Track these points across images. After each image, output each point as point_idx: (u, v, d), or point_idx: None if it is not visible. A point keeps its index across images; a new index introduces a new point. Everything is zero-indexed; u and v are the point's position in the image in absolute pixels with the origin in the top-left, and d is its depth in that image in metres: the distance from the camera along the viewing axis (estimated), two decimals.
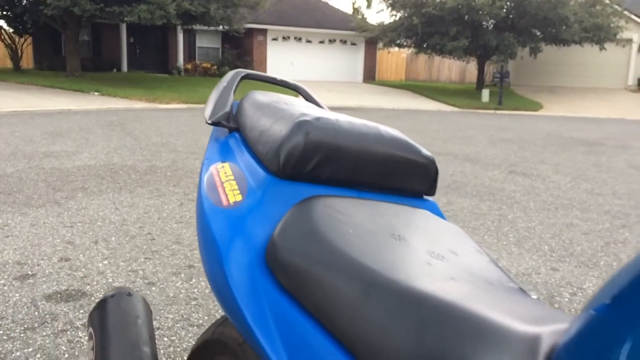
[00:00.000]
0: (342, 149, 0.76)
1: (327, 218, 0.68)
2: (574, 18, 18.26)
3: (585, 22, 18.61)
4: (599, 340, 0.38)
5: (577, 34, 18.75)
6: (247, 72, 1.04)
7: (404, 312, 0.54)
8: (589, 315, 0.40)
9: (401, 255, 0.64)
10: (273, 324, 0.64)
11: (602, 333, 0.38)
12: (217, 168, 0.84)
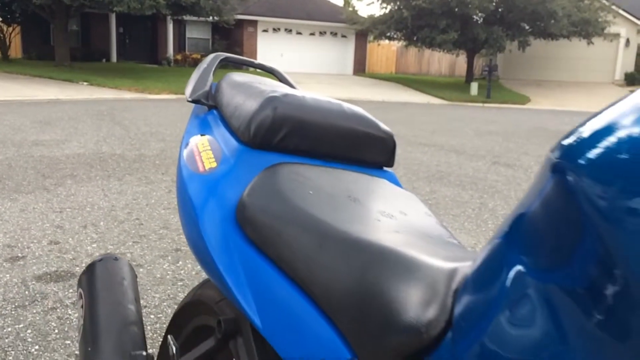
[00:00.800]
0: (308, 122, 0.85)
1: (291, 181, 0.77)
2: (562, 12, 18.42)
3: (573, 16, 18.78)
4: (493, 266, 0.47)
5: (565, 28, 18.93)
6: (226, 55, 1.12)
7: (351, 257, 0.63)
8: (489, 245, 0.49)
9: (354, 213, 0.73)
10: (242, 272, 0.73)
11: (496, 260, 0.47)
12: (196, 140, 0.93)
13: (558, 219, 0.39)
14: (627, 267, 0.34)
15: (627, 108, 0.37)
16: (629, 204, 0.34)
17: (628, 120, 0.36)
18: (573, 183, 0.37)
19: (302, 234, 0.69)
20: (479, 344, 0.45)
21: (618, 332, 0.35)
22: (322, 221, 0.69)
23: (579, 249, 0.38)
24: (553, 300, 0.39)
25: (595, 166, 0.36)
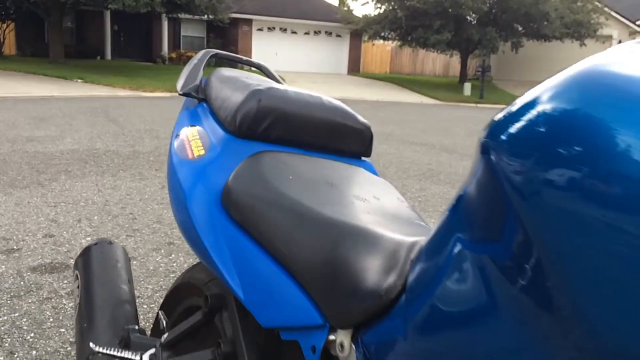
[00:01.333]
0: (290, 113, 0.91)
1: (273, 167, 0.83)
2: (555, 14, 18.57)
3: (566, 18, 18.94)
4: (440, 239, 0.53)
5: (558, 30, 19.08)
6: (216, 52, 1.19)
7: (324, 235, 0.70)
8: (440, 220, 0.56)
9: (330, 196, 0.80)
10: (226, 250, 0.79)
11: (443, 233, 0.53)
12: (186, 130, 0.99)
13: (487, 196, 0.46)
14: (541, 240, 0.40)
15: (544, 88, 0.43)
16: (540, 179, 0.40)
17: (544, 97, 0.42)
18: (495, 162, 0.43)
19: (282, 215, 0.76)
20: (426, 305, 0.52)
21: (537, 297, 0.41)
22: (300, 203, 0.76)
23: (505, 225, 0.43)
24: (485, 269, 0.45)
25: (512, 143, 0.42)
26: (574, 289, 0.37)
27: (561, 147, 0.38)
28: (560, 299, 0.38)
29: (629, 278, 0.35)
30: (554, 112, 0.40)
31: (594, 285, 0.36)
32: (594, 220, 0.36)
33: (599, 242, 0.36)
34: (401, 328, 0.54)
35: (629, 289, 0.35)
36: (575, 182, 0.37)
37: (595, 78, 0.40)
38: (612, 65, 0.40)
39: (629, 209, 0.35)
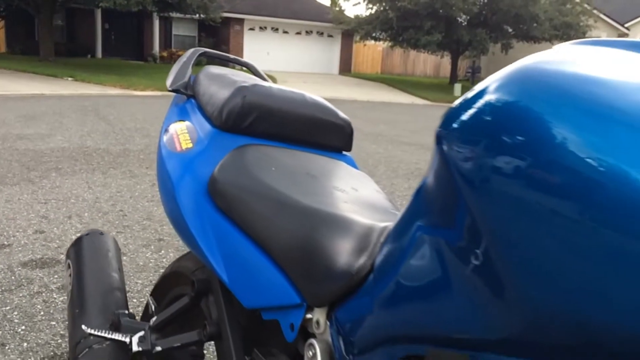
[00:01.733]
0: (273, 109, 0.96)
1: (256, 159, 0.88)
2: (545, 16, 18.74)
3: (555, 20, 19.11)
4: (405, 223, 0.58)
5: (548, 32, 19.25)
6: (204, 50, 1.23)
7: (303, 221, 0.75)
8: (405, 207, 0.61)
9: (310, 186, 0.85)
10: (212, 236, 0.84)
11: (407, 218, 0.58)
12: (175, 125, 1.04)
13: (440, 185, 0.50)
14: (485, 224, 0.43)
15: (490, 81, 0.48)
16: (484, 165, 0.44)
17: (489, 91, 0.47)
18: (446, 151, 0.48)
19: (264, 203, 0.81)
20: (391, 282, 0.57)
21: (483, 275, 0.45)
22: (281, 192, 0.81)
23: (457, 212, 0.47)
24: (442, 251, 0.50)
25: (460, 133, 0.47)
26: (514, 266, 0.42)
27: (503, 136, 0.43)
28: (504, 275, 0.43)
29: (563, 255, 0.39)
30: (497, 104, 0.44)
31: (532, 262, 0.41)
32: (531, 203, 0.40)
33: (535, 224, 0.40)
34: (369, 304, 0.59)
35: (563, 264, 0.39)
36: (516, 169, 0.41)
37: (534, 75, 0.45)
38: (550, 64, 0.46)
39: (562, 195, 0.39)
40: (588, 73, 0.43)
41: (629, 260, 0.35)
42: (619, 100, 0.39)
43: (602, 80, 0.42)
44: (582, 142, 0.38)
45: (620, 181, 0.35)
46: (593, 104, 0.40)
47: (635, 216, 0.34)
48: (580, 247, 0.37)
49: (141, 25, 21.69)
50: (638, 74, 0.41)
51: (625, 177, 0.35)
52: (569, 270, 0.38)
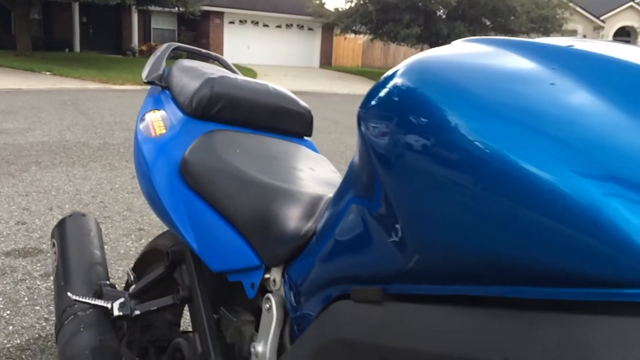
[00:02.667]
0: (239, 98, 1.07)
1: (223, 143, 0.99)
2: (522, 9, 19.00)
3: (532, 13, 19.40)
4: (340, 193, 0.69)
5: (525, 25, 19.54)
6: (178, 45, 1.33)
7: (262, 194, 0.86)
8: (342, 180, 0.72)
9: (270, 166, 0.96)
10: (184, 211, 0.95)
11: (342, 189, 0.68)
12: (150, 113, 1.14)
13: (362, 160, 0.61)
14: (395, 193, 0.53)
15: (397, 69, 0.58)
16: (390, 141, 0.54)
17: (396, 78, 0.57)
18: (363, 129, 0.59)
19: (229, 181, 0.91)
20: (328, 241, 0.68)
21: (394, 231, 0.55)
22: (244, 171, 0.92)
23: (375, 185, 0.57)
24: (364, 216, 0.60)
25: (372, 113, 0.58)
26: (415, 221, 0.52)
27: (403, 118, 0.53)
28: (407, 228, 0.53)
29: (451, 209, 0.49)
30: (399, 90, 0.55)
31: (428, 217, 0.51)
32: (429, 173, 0.50)
33: (430, 188, 0.50)
34: (312, 260, 0.70)
35: (451, 216, 0.49)
36: (413, 145, 0.51)
37: (431, 66, 0.56)
38: (445, 57, 0.57)
39: (454, 167, 0.47)
40: (475, 68, 0.54)
41: (499, 212, 0.45)
42: (498, 95, 0.49)
43: (486, 75, 0.52)
44: (469, 128, 0.47)
45: (498, 159, 0.45)
46: (478, 97, 0.49)
47: (510, 185, 0.44)
48: (465, 203, 0.47)
49: (120, 18, 21.49)
50: (514, 72, 0.52)
51: (500, 156, 0.45)
52: (455, 220, 0.49)
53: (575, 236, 0.38)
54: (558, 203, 0.39)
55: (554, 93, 0.45)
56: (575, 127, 0.42)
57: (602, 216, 0.37)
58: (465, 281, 0.47)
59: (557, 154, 0.41)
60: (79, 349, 0.98)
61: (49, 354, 1.91)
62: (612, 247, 0.37)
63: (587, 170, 0.39)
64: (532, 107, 0.45)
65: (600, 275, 0.38)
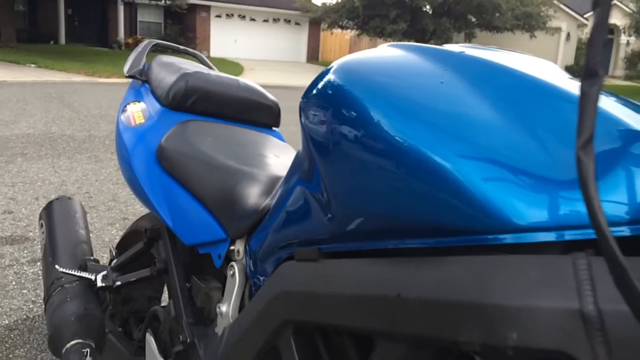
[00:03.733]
0: (211, 92, 1.18)
1: (196, 132, 1.10)
2: (506, 6, 19.22)
3: (516, 10, 19.63)
4: (289, 175, 0.80)
5: (509, 22, 19.76)
6: (157, 42, 1.44)
7: (229, 177, 0.98)
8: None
9: (238, 153, 1.07)
10: (160, 192, 1.06)
11: (290, 171, 0.80)
12: (131, 105, 1.25)
13: (303, 148, 0.72)
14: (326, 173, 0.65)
15: (331, 67, 0.70)
16: (321, 129, 0.66)
17: (329, 73, 0.68)
18: (303, 118, 0.71)
19: (200, 165, 1.03)
20: (279, 214, 0.79)
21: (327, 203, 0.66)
22: (214, 157, 1.03)
23: (313, 169, 0.69)
24: (306, 193, 0.72)
25: (308, 105, 0.69)
26: (342, 194, 0.64)
27: (330, 109, 0.64)
28: (335, 199, 0.64)
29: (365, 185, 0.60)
30: (329, 86, 0.66)
31: (353, 190, 0.63)
32: (349, 155, 0.61)
33: (349, 169, 0.61)
34: (267, 230, 0.82)
35: (369, 190, 0.61)
36: (340, 133, 0.62)
37: (357, 67, 0.67)
38: (370, 60, 0.68)
39: (366, 150, 0.59)
40: (389, 69, 0.65)
41: (400, 185, 0.56)
42: (403, 92, 0.60)
43: (396, 75, 0.64)
44: (382, 120, 0.57)
45: (400, 144, 0.56)
46: (389, 94, 0.60)
47: (407, 164, 0.55)
48: (376, 179, 0.58)
49: (105, 11, 21.37)
50: (417, 72, 0.63)
51: (402, 142, 0.56)
52: (369, 192, 0.59)
53: (449, 200, 0.51)
54: (438, 176, 0.51)
55: (440, 90, 0.57)
56: (451, 117, 0.54)
57: (466, 186, 0.49)
58: (375, 238, 0.59)
59: (438, 139, 0.53)
60: (65, 317, 1.09)
61: (37, 333, 2.01)
62: (474, 208, 0.49)
63: (459, 152, 0.51)
64: (424, 101, 0.57)
65: (466, 227, 0.50)
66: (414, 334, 0.51)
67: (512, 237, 0.47)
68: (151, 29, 22.33)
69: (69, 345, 1.05)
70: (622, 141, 0.48)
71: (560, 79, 0.57)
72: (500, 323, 0.44)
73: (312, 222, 0.69)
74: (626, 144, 0.48)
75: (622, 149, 0.47)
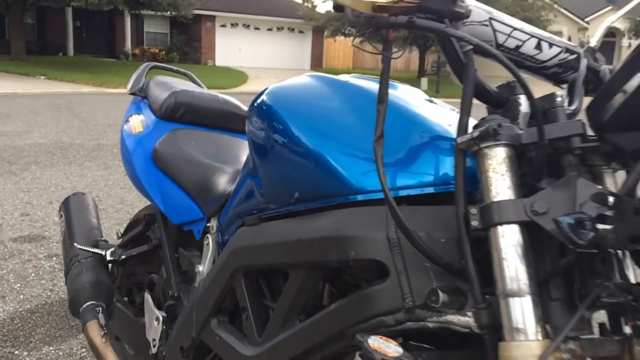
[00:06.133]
0: (196, 105, 1.48)
1: (183, 137, 1.40)
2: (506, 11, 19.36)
3: (516, 15, 19.88)
4: (244, 168, 1.10)
5: None
6: (154, 64, 1.75)
7: (207, 171, 1.27)
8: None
9: (215, 153, 1.37)
10: (155, 184, 1.35)
11: (244, 167, 1.10)
12: (132, 116, 1.55)
13: (249, 148, 1.02)
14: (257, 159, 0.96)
15: (269, 88, 1.00)
16: (256, 131, 0.96)
17: (264, 93, 0.99)
18: (247, 125, 1.00)
19: (185, 163, 1.32)
20: (237, 194, 1.08)
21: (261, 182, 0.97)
22: (196, 157, 1.33)
23: (255, 163, 0.99)
24: (253, 184, 1.01)
25: (251, 113, 0.99)
26: (269, 176, 0.94)
27: (262, 119, 0.95)
28: (266, 179, 0.95)
29: (283, 170, 0.90)
30: (262, 102, 0.96)
31: (272, 175, 0.92)
32: (274, 152, 0.91)
33: (276, 161, 0.91)
34: (229, 210, 1.11)
35: (282, 173, 0.90)
36: (267, 137, 0.92)
37: (281, 91, 0.96)
38: (291, 87, 0.97)
39: (286, 148, 0.90)
40: (304, 94, 0.94)
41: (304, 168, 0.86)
42: (311, 111, 0.90)
43: (307, 99, 0.93)
44: (297, 130, 0.87)
45: (306, 145, 0.86)
46: (302, 112, 0.90)
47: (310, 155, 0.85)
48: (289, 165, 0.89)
49: (112, 22, 21.86)
50: (320, 96, 0.93)
51: (312, 147, 0.85)
52: (285, 174, 0.90)
53: (328, 177, 0.80)
54: (322, 163, 0.81)
55: (330, 107, 0.87)
56: (332, 125, 0.84)
57: (336, 167, 0.79)
58: (290, 205, 0.88)
59: (323, 139, 0.83)
60: (82, 284, 1.38)
61: (55, 315, 2.31)
62: (340, 181, 0.78)
63: (333, 147, 0.81)
64: (320, 116, 0.87)
65: (336, 192, 0.79)
66: (307, 261, 0.81)
67: (361, 197, 0.77)
68: (157, 39, 22.80)
69: (85, 306, 1.34)
70: (405, 135, 0.78)
71: (406, 100, 0.87)
72: (347, 246, 0.73)
73: (255, 199, 0.99)
74: (407, 137, 0.77)
75: (404, 141, 0.77)
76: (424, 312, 0.68)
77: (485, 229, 0.64)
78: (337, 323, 0.76)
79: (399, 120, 0.81)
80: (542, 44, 0.81)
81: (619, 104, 0.59)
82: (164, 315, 1.24)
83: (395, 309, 0.69)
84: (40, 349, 2.05)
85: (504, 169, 0.64)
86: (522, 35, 0.80)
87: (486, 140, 0.65)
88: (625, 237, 0.56)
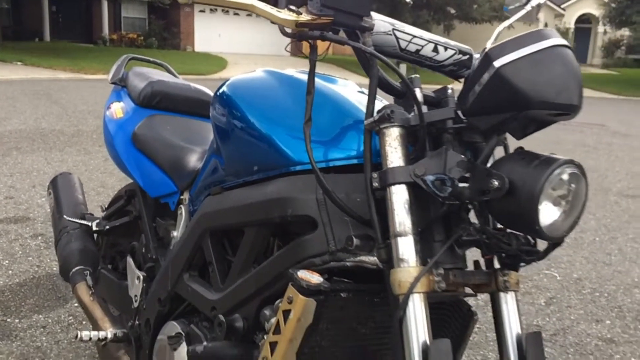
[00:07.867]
0: (170, 94, 1.66)
1: (159, 122, 1.59)
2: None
3: (493, 2, 20.19)
4: (209, 148, 1.31)
5: (487, 13, 20.33)
6: (133, 56, 1.93)
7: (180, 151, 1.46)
8: None
9: (187, 135, 1.56)
10: (134, 163, 1.54)
11: (210, 147, 1.31)
12: (114, 103, 1.73)
13: (213, 131, 1.23)
14: (222, 146, 1.17)
15: (231, 78, 1.20)
16: (220, 120, 1.17)
17: (225, 83, 1.19)
18: (211, 112, 1.20)
19: (161, 145, 1.52)
20: (204, 171, 1.28)
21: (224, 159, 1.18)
22: (170, 139, 1.52)
23: (218, 144, 1.20)
24: (217, 164, 1.22)
25: (213, 101, 1.19)
26: (230, 152, 1.14)
27: (221, 105, 1.15)
28: (228, 155, 1.15)
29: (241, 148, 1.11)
30: (223, 91, 1.17)
31: (232, 151, 1.13)
32: (233, 134, 1.12)
33: (233, 141, 1.12)
34: (198, 183, 1.31)
35: (240, 149, 1.11)
36: (228, 122, 1.13)
37: (240, 83, 1.17)
38: (247, 80, 1.18)
39: (242, 130, 1.11)
40: (258, 86, 1.15)
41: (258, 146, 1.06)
42: (264, 101, 1.11)
43: (261, 90, 1.14)
44: (250, 115, 1.09)
45: (258, 128, 1.07)
46: (257, 102, 1.11)
47: (264, 139, 1.06)
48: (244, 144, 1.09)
49: (89, 7, 21.63)
50: (271, 88, 1.13)
51: (262, 129, 1.07)
52: (242, 151, 1.10)
53: (275, 152, 1.01)
54: (270, 141, 1.02)
55: (278, 96, 1.08)
56: (279, 110, 1.05)
57: (280, 144, 1.00)
58: (248, 174, 1.09)
59: (270, 122, 1.04)
60: (71, 251, 1.57)
61: (43, 288, 2.50)
62: (283, 155, 1.00)
63: (279, 128, 1.02)
64: (270, 105, 1.08)
65: (281, 164, 1.00)
66: (258, 219, 1.02)
67: (299, 167, 0.98)
68: (135, 25, 22.60)
69: (74, 270, 1.54)
70: (333, 119, 0.99)
71: (337, 91, 1.08)
72: (286, 205, 0.95)
73: (218, 174, 1.20)
74: (334, 120, 0.99)
75: (332, 124, 0.98)
76: (343, 254, 0.89)
77: (383, 189, 0.85)
78: (278, 266, 0.97)
79: (328, 107, 1.02)
80: (439, 47, 1.02)
81: (476, 94, 0.81)
82: (144, 275, 1.44)
83: (322, 252, 0.91)
84: (31, 317, 2.23)
85: (397, 144, 0.85)
86: (421, 41, 1.01)
87: (383, 123, 0.86)
88: (476, 191, 0.78)
